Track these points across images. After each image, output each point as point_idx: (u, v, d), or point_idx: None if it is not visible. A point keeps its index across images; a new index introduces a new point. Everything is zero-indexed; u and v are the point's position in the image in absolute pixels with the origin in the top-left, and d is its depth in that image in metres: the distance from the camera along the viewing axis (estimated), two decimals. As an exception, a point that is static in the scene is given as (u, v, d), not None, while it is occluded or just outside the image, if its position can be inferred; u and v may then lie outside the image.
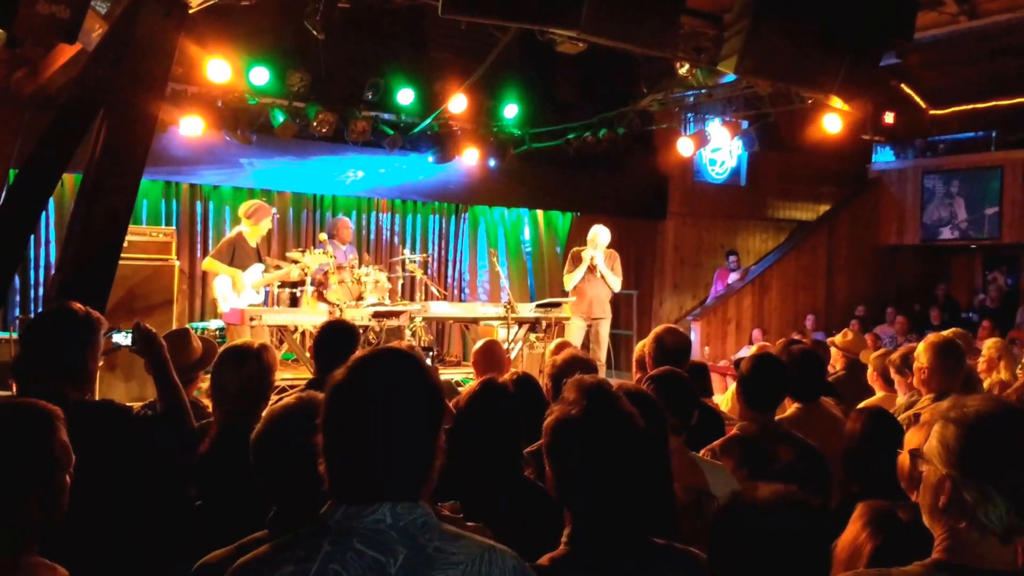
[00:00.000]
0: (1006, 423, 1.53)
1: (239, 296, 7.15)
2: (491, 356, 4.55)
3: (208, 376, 3.14)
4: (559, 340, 4.80)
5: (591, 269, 8.15)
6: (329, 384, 1.48)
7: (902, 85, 10.57)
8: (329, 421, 1.46)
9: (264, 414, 1.98)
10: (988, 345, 4.98)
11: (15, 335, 6.76)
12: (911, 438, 2.36)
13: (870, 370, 4.57)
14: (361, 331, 7.56)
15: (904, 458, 2.33)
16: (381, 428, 1.42)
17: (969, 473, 1.51)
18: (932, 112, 11.60)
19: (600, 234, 8.30)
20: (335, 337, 3.78)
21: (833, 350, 5.45)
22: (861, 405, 3.94)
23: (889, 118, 9.43)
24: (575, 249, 8.46)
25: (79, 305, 2.80)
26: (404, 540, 1.38)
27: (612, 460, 1.77)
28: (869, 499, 2.25)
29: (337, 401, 1.46)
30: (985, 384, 4.60)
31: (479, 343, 4.77)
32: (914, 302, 12.85)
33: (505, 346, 7.76)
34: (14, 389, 2.47)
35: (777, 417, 3.33)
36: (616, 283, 8.33)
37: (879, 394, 4.48)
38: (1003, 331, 10.22)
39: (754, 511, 1.58)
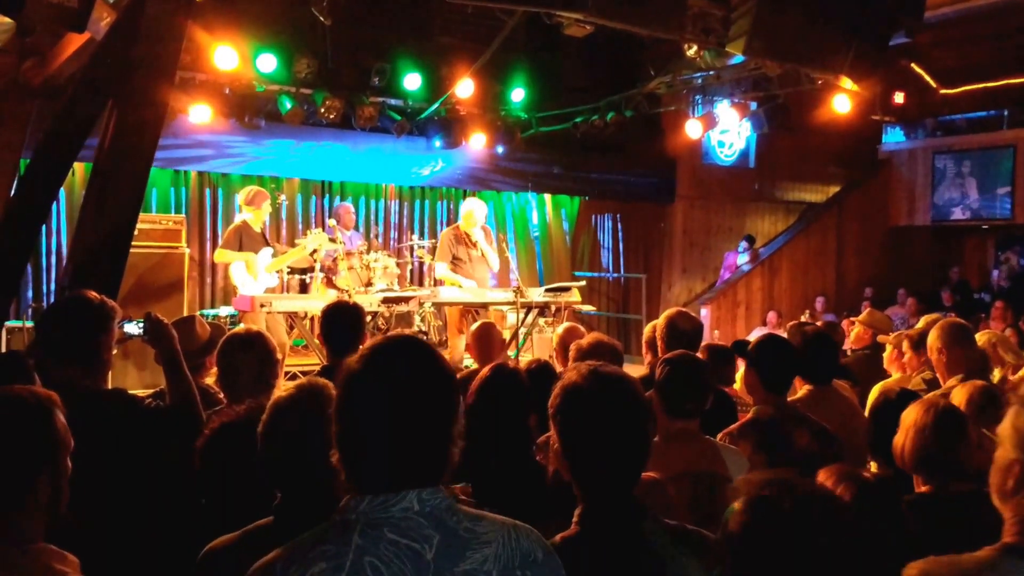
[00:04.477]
0: None
1: (256, 280, 7.19)
2: (487, 338, 4.55)
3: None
4: (567, 324, 4.78)
5: (472, 247, 7.43)
6: (342, 374, 1.45)
7: (912, 64, 10.46)
8: (345, 412, 1.42)
9: (270, 403, 1.98)
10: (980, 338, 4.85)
11: (28, 323, 6.82)
12: (907, 416, 2.42)
13: (890, 350, 4.47)
14: (370, 317, 7.58)
15: (899, 438, 2.41)
16: (401, 416, 1.40)
17: None
18: (943, 92, 11.50)
19: (476, 210, 7.47)
20: (341, 319, 3.71)
21: (858, 327, 5.36)
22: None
23: (899, 98, 9.34)
24: (448, 229, 7.78)
25: (94, 294, 2.82)
26: (434, 525, 1.37)
27: (618, 432, 1.76)
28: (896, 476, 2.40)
29: (353, 391, 1.42)
30: (996, 374, 4.54)
31: (475, 325, 4.74)
32: (925, 283, 12.80)
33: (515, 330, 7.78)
34: (37, 380, 2.47)
35: (789, 399, 3.33)
36: (496, 262, 7.56)
37: (895, 375, 4.41)
38: (1016, 311, 10.18)
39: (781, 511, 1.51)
